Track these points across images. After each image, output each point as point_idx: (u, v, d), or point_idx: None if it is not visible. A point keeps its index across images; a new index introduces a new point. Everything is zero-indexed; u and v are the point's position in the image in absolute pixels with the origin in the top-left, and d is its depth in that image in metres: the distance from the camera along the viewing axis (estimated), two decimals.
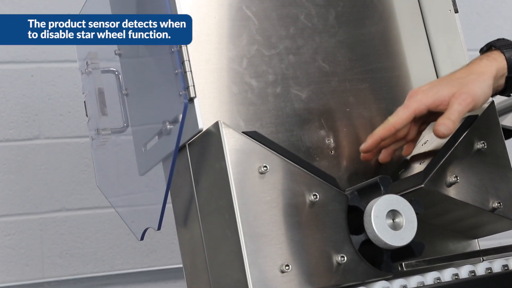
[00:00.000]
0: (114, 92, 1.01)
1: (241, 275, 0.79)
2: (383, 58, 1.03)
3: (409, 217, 0.83)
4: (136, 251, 1.57)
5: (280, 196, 0.82)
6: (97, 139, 0.99)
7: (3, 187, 1.51)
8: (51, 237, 1.53)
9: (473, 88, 0.88)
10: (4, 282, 1.49)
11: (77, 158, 1.56)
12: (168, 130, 0.88)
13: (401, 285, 0.83)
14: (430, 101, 0.89)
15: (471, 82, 0.89)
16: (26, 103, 1.55)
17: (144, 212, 0.99)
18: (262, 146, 0.83)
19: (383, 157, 0.94)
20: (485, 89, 0.90)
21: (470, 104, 0.88)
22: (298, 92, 0.96)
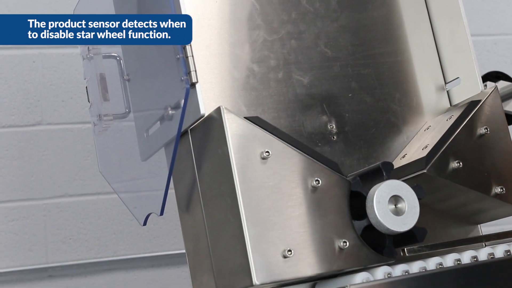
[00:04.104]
0: (115, 77, 1.01)
1: (244, 260, 0.79)
2: (386, 43, 1.02)
3: (411, 203, 0.83)
4: (139, 236, 1.58)
5: (283, 181, 0.82)
6: (99, 125, 0.99)
7: (6, 173, 1.52)
8: (54, 222, 1.53)
9: None
10: (8, 267, 1.50)
11: (80, 144, 1.56)
12: (170, 115, 0.88)
13: (403, 270, 0.83)
14: None
15: None
16: (28, 89, 1.55)
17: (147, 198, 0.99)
18: (264, 131, 0.83)
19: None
20: None
21: None
22: (300, 77, 0.95)
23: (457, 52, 1.01)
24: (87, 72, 1.03)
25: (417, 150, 0.94)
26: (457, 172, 0.89)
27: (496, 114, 0.94)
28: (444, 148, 0.89)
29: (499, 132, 0.93)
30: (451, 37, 1.03)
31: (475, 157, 0.91)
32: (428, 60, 1.04)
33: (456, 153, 0.90)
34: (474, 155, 0.91)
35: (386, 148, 0.98)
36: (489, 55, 1.82)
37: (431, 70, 1.04)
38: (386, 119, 0.99)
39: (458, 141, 0.90)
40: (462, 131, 0.91)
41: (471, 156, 0.91)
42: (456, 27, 1.02)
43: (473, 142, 0.92)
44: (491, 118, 0.93)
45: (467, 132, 0.92)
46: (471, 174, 0.90)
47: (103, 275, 1.56)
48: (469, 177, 0.90)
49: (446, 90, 1.04)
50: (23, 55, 1.55)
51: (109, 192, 1.50)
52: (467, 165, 0.90)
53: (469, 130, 0.92)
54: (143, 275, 1.58)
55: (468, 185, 0.90)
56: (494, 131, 0.93)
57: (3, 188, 1.51)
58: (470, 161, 0.90)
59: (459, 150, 0.90)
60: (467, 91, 1.01)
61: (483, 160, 0.91)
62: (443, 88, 1.04)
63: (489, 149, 0.92)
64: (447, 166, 0.89)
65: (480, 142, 0.92)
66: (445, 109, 1.03)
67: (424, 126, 0.99)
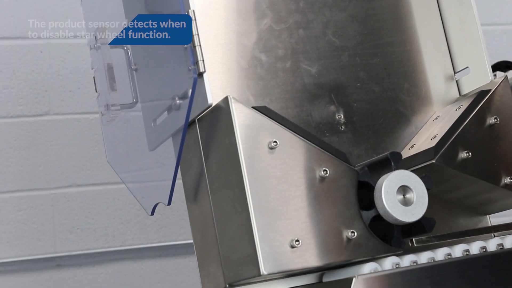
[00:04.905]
0: (123, 67, 1.01)
1: (251, 250, 0.79)
2: (395, 33, 1.02)
3: (420, 193, 0.83)
4: (146, 226, 1.58)
5: (290, 171, 0.82)
6: (107, 115, 0.99)
7: (14, 163, 1.52)
8: (62, 212, 1.54)
9: None
10: (17, 257, 1.50)
11: (87, 134, 1.56)
12: (177, 105, 0.88)
13: (412, 261, 0.83)
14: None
15: None
16: (35, 79, 1.55)
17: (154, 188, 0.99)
18: (272, 121, 0.83)
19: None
20: None
21: None
22: (308, 67, 0.95)
23: (466, 41, 1.01)
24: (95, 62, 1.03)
25: (425, 140, 0.93)
26: (466, 162, 0.89)
27: (506, 104, 0.94)
28: (453, 138, 0.89)
29: (508, 122, 0.93)
30: (460, 27, 1.03)
31: (485, 147, 0.90)
32: (437, 49, 1.03)
33: (465, 143, 0.89)
34: (483, 145, 0.90)
35: (394, 138, 0.97)
36: (499, 44, 1.81)
37: (440, 60, 1.03)
38: (394, 109, 0.98)
39: (467, 131, 0.90)
40: (472, 121, 0.91)
41: (480, 146, 0.90)
42: (465, 16, 1.02)
43: (482, 132, 0.91)
44: (500, 108, 0.93)
45: (476, 122, 0.91)
46: (480, 164, 0.89)
47: (110, 264, 1.56)
48: (478, 167, 0.89)
49: (455, 80, 1.03)
50: (30, 45, 1.55)
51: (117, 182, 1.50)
52: (476, 155, 0.89)
53: (478, 120, 0.91)
54: (151, 265, 1.58)
55: (477, 175, 0.89)
56: (504, 121, 0.92)
57: (11, 178, 1.52)
58: (480, 151, 0.90)
59: (468, 140, 0.90)
60: (476, 80, 1.00)
61: (493, 150, 0.91)
62: (452, 77, 1.03)
63: (498, 139, 0.92)
64: (456, 156, 0.88)
65: (489, 132, 0.91)
66: (454, 99, 1.02)
67: (433, 116, 0.99)
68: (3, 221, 1.50)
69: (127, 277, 1.57)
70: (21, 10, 1.56)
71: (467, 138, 0.90)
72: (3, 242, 1.50)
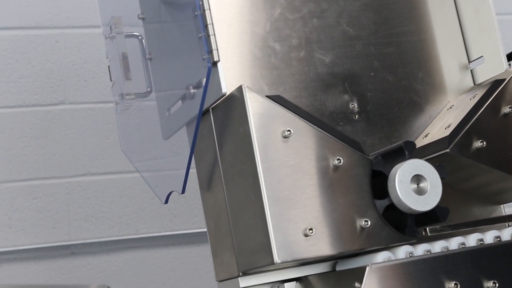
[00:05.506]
0: (137, 57, 1.01)
1: (265, 239, 0.79)
2: (409, 22, 1.01)
3: (434, 182, 0.83)
4: (160, 215, 1.59)
5: (304, 160, 0.82)
6: (121, 104, 1.00)
7: (30, 152, 1.54)
8: (77, 200, 1.55)
9: None
10: (32, 244, 1.52)
11: (102, 123, 1.57)
12: (191, 94, 0.88)
13: (425, 250, 0.83)
14: None
15: None
16: (50, 68, 1.56)
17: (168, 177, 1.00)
18: (286, 110, 0.83)
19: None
20: None
21: None
22: (322, 56, 0.95)
23: (481, 30, 1.00)
24: (109, 52, 1.03)
25: (439, 129, 0.93)
26: (481, 152, 0.88)
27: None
28: (468, 127, 0.88)
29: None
30: (475, 16, 1.02)
31: (499, 136, 0.90)
32: (452, 38, 1.03)
33: (479, 132, 0.89)
34: (498, 135, 0.90)
35: (408, 127, 0.97)
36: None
37: (455, 49, 1.03)
38: (408, 98, 0.98)
39: (481, 120, 0.90)
40: (486, 110, 0.90)
41: (495, 136, 0.90)
42: (480, 5, 1.01)
43: (497, 121, 0.91)
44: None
45: (491, 111, 0.91)
46: (495, 153, 0.89)
47: (124, 252, 1.57)
48: (492, 157, 0.89)
49: (470, 69, 1.03)
50: (46, 35, 1.56)
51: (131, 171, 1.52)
52: (490, 145, 0.89)
53: (493, 109, 0.91)
54: (164, 253, 1.59)
55: (492, 164, 0.89)
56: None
57: (27, 167, 1.53)
58: (494, 141, 0.89)
59: (483, 129, 0.89)
60: (491, 70, 0.99)
61: (507, 139, 0.90)
62: (466, 67, 1.03)
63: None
64: (471, 145, 0.88)
65: (504, 121, 0.91)
66: (469, 88, 1.02)
67: (447, 105, 0.98)
68: (18, 209, 1.52)
69: (141, 265, 1.58)
70: (37, 0, 1.57)
71: (481, 127, 0.89)
72: (18, 230, 1.52)
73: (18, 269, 1.51)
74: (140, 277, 1.57)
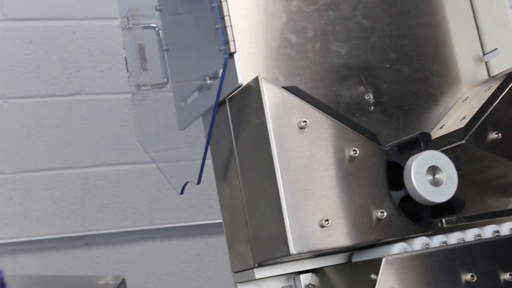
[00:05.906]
0: (154, 48, 1.01)
1: (281, 229, 0.80)
2: (424, 14, 1.01)
3: (449, 173, 0.83)
4: (175, 206, 1.60)
5: (320, 151, 0.82)
6: (138, 94, 1.00)
7: (46, 142, 1.55)
8: (91, 191, 1.56)
9: None
10: (47, 235, 1.53)
11: (117, 114, 1.58)
12: (208, 85, 0.89)
13: (441, 241, 0.83)
14: None
15: None
16: (67, 59, 1.57)
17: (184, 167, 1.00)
18: (302, 101, 0.83)
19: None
20: None
21: None
22: (338, 48, 0.95)
23: (495, 23, 1.00)
24: (126, 43, 1.04)
25: (455, 121, 0.93)
26: (496, 143, 0.88)
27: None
28: (483, 119, 0.88)
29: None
30: (489, 8, 1.02)
31: None
32: (466, 31, 1.03)
33: (495, 124, 0.89)
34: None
35: (423, 118, 0.97)
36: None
37: (469, 41, 1.03)
38: (423, 89, 0.98)
39: (496, 112, 0.89)
40: (501, 102, 0.90)
41: (510, 127, 0.90)
42: None
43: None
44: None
45: (506, 103, 0.91)
46: (510, 145, 0.89)
47: (139, 243, 1.58)
48: (508, 148, 0.89)
49: (484, 61, 1.03)
50: (63, 26, 1.57)
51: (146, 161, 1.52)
52: (506, 136, 0.89)
53: (508, 101, 0.91)
54: (179, 244, 1.60)
55: (507, 156, 0.89)
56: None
57: (42, 157, 1.54)
58: (509, 132, 0.89)
59: (498, 121, 0.89)
60: (505, 62, 0.99)
61: None
62: (481, 59, 1.03)
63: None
64: (486, 137, 0.88)
65: None
66: (483, 80, 1.01)
67: (462, 97, 0.98)
68: (34, 199, 1.53)
69: (155, 256, 1.58)
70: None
71: (496, 119, 0.89)
72: (33, 220, 1.53)
73: (32, 260, 1.52)
74: (155, 268, 1.58)
